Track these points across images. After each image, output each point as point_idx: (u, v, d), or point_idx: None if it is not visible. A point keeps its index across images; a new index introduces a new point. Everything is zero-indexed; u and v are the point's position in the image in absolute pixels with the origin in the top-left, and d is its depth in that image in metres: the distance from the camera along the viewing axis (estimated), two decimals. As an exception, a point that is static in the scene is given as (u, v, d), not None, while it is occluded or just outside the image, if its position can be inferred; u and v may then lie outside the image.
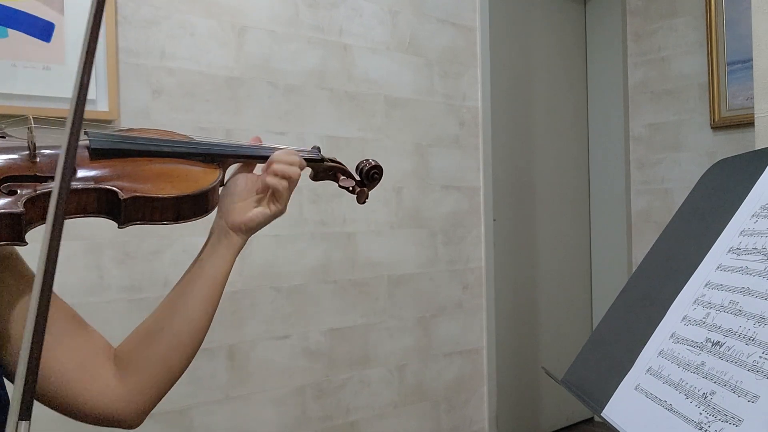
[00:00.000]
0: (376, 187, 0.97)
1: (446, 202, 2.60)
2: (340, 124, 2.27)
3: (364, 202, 0.94)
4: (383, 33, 2.40)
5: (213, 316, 0.78)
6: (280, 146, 0.87)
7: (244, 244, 0.81)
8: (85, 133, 0.72)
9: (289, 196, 0.81)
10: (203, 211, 0.75)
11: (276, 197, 0.80)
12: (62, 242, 0.55)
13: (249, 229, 0.80)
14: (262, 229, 0.84)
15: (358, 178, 0.95)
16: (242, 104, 2.05)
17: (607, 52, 3.36)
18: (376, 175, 0.95)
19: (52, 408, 0.69)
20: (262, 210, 0.80)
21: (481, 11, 2.71)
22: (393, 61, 2.43)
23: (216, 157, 0.81)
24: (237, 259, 0.80)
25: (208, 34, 1.98)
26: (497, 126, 2.85)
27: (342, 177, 0.93)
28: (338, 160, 0.94)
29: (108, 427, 0.72)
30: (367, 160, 0.94)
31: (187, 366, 0.76)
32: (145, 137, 0.76)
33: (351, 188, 0.93)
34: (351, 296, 2.30)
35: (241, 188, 0.81)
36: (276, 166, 0.79)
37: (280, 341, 2.12)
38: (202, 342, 0.77)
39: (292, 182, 0.80)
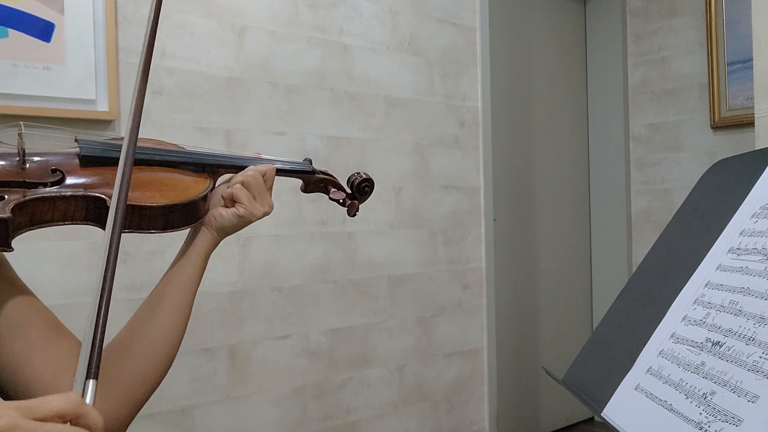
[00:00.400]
0: (368, 199, 0.97)
1: (446, 202, 2.60)
2: (340, 124, 2.27)
3: (355, 215, 0.94)
4: (383, 33, 2.40)
5: (186, 322, 0.78)
6: (272, 158, 0.87)
7: (215, 245, 0.81)
8: (76, 140, 0.72)
9: (253, 199, 0.81)
10: (192, 221, 0.75)
11: (239, 201, 0.81)
12: (62, 242, 0.55)
13: (220, 227, 0.81)
14: (263, 229, 0.85)
15: (348, 190, 0.95)
16: (242, 104, 2.05)
17: (607, 52, 3.36)
18: (366, 188, 0.94)
19: None
20: (231, 209, 0.81)
21: (481, 11, 2.71)
22: (393, 61, 2.43)
23: (206, 166, 0.81)
24: (237, 259, 0.81)
25: (208, 34, 1.98)
26: (497, 126, 2.85)
27: (333, 189, 0.93)
28: (329, 172, 0.94)
29: None
30: (358, 173, 0.95)
31: (164, 375, 0.75)
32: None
33: (341, 201, 0.93)
34: (351, 296, 2.30)
35: (221, 193, 0.83)
36: (234, 177, 0.82)
37: (281, 341, 2.12)
38: (177, 349, 0.77)
39: (249, 186, 0.81)
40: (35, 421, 0.41)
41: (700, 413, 0.57)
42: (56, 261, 1.71)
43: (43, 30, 1.66)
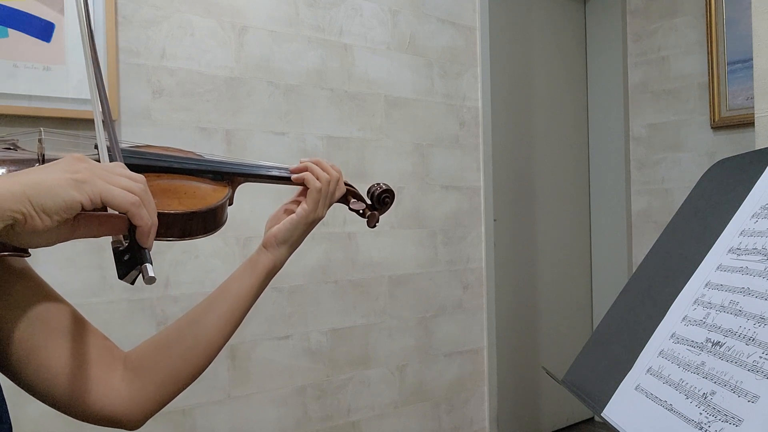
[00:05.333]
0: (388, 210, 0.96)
1: (446, 202, 2.60)
2: (340, 124, 2.27)
3: (375, 225, 0.94)
4: (383, 33, 2.40)
5: (231, 334, 0.79)
6: (287, 167, 0.88)
7: (277, 264, 0.83)
8: (96, 147, 0.72)
9: (320, 200, 0.84)
10: (210, 229, 0.75)
11: (308, 197, 0.83)
12: (63, 242, 0.56)
13: (279, 241, 0.82)
14: (263, 229, 0.85)
15: (369, 201, 0.94)
16: (242, 104, 2.05)
17: (607, 52, 3.37)
18: (387, 199, 0.94)
19: (55, 408, 0.69)
20: (288, 217, 0.83)
21: (481, 11, 2.71)
22: (393, 61, 2.43)
23: (225, 175, 0.80)
24: (238, 258, 0.81)
25: (208, 34, 1.98)
26: (497, 126, 2.85)
27: (353, 200, 0.93)
28: (350, 183, 0.93)
29: (109, 427, 0.73)
30: (378, 184, 0.94)
31: (195, 378, 0.77)
32: (154, 153, 0.76)
33: (361, 211, 0.93)
34: (351, 296, 2.30)
35: (278, 213, 0.85)
36: (313, 167, 0.84)
37: (281, 341, 2.12)
38: (214, 357, 0.78)
39: (324, 181, 0.84)
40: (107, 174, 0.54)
41: (700, 413, 0.57)
42: (56, 261, 1.71)
43: (43, 30, 1.66)
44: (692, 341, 0.64)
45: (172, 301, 1.88)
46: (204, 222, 0.73)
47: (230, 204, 0.80)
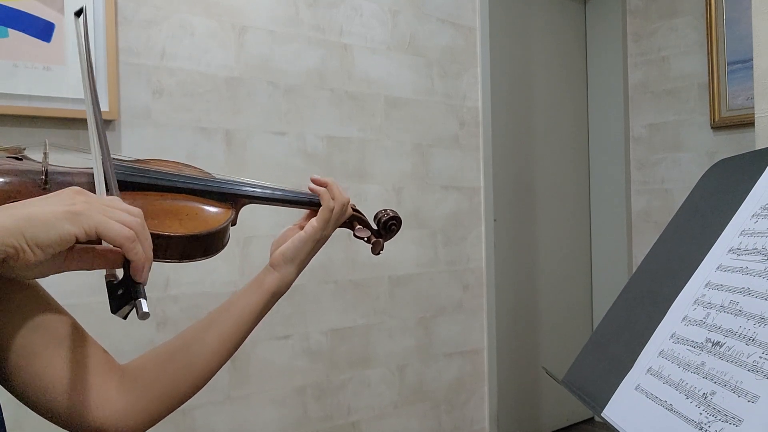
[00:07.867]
0: (393, 238, 0.94)
1: (446, 202, 2.60)
2: (340, 124, 2.27)
3: (379, 253, 0.92)
4: (383, 33, 2.40)
5: (232, 353, 0.79)
6: (306, 193, 0.86)
7: (283, 284, 0.83)
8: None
9: (330, 219, 0.84)
10: (210, 252, 0.74)
11: (319, 214, 0.82)
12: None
13: (288, 259, 0.82)
14: (263, 229, 0.85)
15: (375, 227, 0.92)
16: (242, 104, 2.05)
17: (607, 52, 3.36)
18: (394, 227, 0.92)
19: (50, 418, 0.68)
20: (296, 235, 0.82)
21: (481, 11, 2.71)
22: (393, 61, 2.43)
23: (230, 196, 0.79)
24: (238, 259, 0.81)
25: (208, 34, 1.98)
26: (497, 126, 2.85)
27: (358, 226, 0.91)
28: (357, 208, 0.91)
29: None
30: (385, 211, 0.92)
31: (193, 394, 0.76)
32: (158, 170, 0.75)
33: (366, 238, 0.91)
34: (351, 296, 2.30)
35: (284, 234, 0.85)
36: (333, 186, 0.84)
37: (281, 341, 2.12)
38: (213, 374, 0.77)
39: (338, 204, 0.83)
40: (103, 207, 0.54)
41: (700, 413, 0.57)
42: (56, 261, 1.71)
43: (43, 30, 1.66)
44: (692, 341, 0.64)
45: (171, 300, 1.88)
46: (204, 245, 0.72)
47: (233, 224, 0.78)
